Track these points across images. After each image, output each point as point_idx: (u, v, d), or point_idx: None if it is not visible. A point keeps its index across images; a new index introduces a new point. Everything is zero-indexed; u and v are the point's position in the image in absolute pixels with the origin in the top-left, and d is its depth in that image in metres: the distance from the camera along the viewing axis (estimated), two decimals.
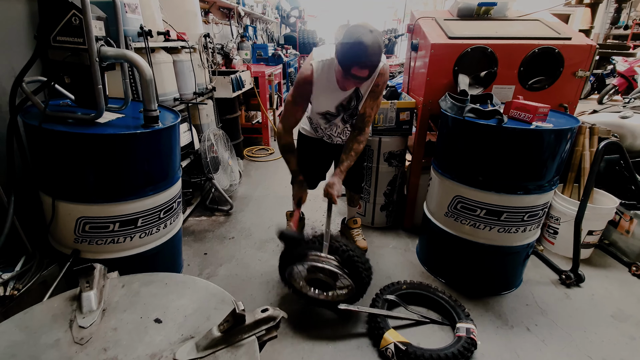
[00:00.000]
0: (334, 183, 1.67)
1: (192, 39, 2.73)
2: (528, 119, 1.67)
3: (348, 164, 1.72)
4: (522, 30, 2.13)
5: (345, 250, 1.58)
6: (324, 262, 1.55)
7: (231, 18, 4.70)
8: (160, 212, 1.71)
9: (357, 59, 1.38)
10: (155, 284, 0.95)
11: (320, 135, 1.98)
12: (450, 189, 1.86)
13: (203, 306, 0.88)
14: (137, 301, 0.88)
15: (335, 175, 1.70)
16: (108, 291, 0.91)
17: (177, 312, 0.84)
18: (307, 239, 1.63)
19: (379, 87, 1.68)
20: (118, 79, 1.74)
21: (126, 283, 0.94)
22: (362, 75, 1.43)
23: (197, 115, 2.90)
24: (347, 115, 1.80)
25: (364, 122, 1.73)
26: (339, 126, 1.87)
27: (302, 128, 2.07)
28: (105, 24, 1.48)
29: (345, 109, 1.76)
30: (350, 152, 1.72)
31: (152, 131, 1.53)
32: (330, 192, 1.66)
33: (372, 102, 1.71)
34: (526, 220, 1.75)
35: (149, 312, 0.83)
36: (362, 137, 1.74)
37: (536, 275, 2.12)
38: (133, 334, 0.78)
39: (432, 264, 2.13)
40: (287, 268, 1.66)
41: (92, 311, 0.83)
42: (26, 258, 1.46)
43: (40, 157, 1.50)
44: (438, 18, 2.26)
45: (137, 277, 0.98)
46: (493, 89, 2.09)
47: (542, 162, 1.65)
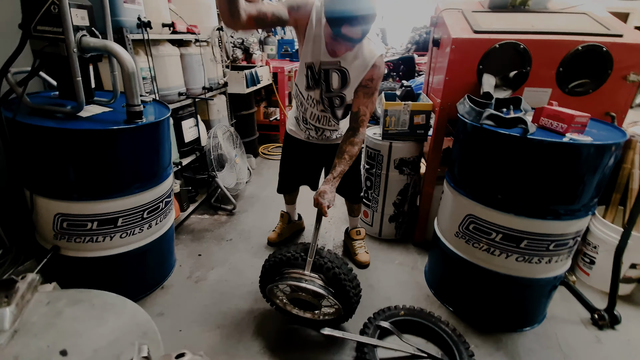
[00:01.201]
0: (324, 191, 1.45)
1: (206, 32, 2.66)
2: (561, 130, 1.39)
3: (342, 169, 1.51)
4: (565, 24, 1.82)
5: (330, 268, 1.41)
6: (306, 281, 1.39)
7: None
8: (143, 212, 1.63)
9: (348, 14, 1.24)
10: (81, 305, 0.85)
11: (306, 137, 1.84)
12: (462, 206, 1.62)
13: (120, 338, 0.76)
14: (53, 324, 0.78)
15: (326, 183, 1.49)
16: (31, 308, 0.82)
17: (89, 342, 0.73)
18: (291, 253, 1.47)
19: (373, 82, 1.50)
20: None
21: (52, 300, 0.84)
22: (354, 36, 1.30)
23: (207, 110, 2.84)
24: (326, 97, 1.60)
25: (357, 121, 1.54)
26: (316, 109, 1.68)
27: (289, 129, 1.94)
28: (89, 13, 1.41)
29: (327, 80, 1.55)
30: (344, 155, 1.52)
31: (132, 127, 1.45)
32: (320, 201, 1.44)
33: (366, 100, 1.52)
34: (552, 250, 1.48)
35: (59, 341, 0.73)
36: (357, 138, 1.54)
37: (563, 311, 1.81)
38: None
39: (440, 288, 1.89)
40: (267, 285, 1.52)
41: (3, 331, 0.74)
42: (2, 252, 1.42)
43: (18, 151, 1.46)
44: (465, 10, 2.00)
45: (67, 293, 0.88)
46: (524, 92, 1.80)
47: (576, 183, 1.37)
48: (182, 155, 2.46)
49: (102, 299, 0.88)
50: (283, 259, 1.46)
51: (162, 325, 1.65)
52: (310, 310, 1.59)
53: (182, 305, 1.78)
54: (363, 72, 1.49)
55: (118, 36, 1.76)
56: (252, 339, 1.59)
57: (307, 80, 1.60)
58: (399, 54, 4.94)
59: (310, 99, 1.66)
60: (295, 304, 1.59)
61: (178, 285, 1.92)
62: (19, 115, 1.37)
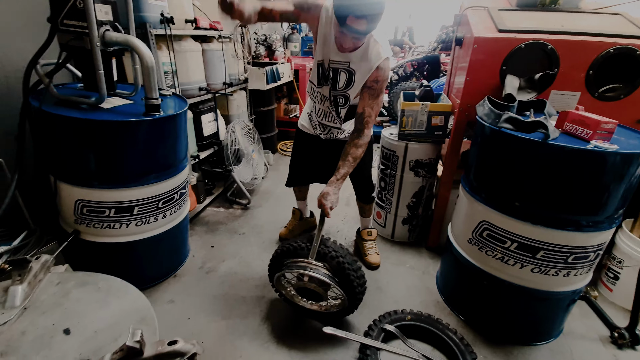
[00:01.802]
0: (327, 193, 1.46)
1: (228, 29, 2.70)
2: (586, 136, 1.31)
3: (345, 171, 1.51)
4: (597, 25, 1.71)
5: (334, 257, 1.44)
6: (311, 269, 1.41)
7: None
8: (158, 202, 1.69)
9: (354, 5, 1.26)
10: (88, 287, 0.89)
11: (319, 133, 1.85)
12: (477, 211, 1.56)
13: (120, 322, 0.79)
14: (60, 304, 0.82)
15: (330, 184, 1.49)
16: (42, 287, 0.87)
17: (91, 324, 0.77)
18: (297, 243, 1.50)
19: (378, 84, 1.50)
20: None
21: (62, 281, 0.89)
22: (360, 28, 1.31)
23: (227, 105, 2.89)
24: (332, 95, 1.62)
25: (362, 122, 1.53)
26: (324, 105, 1.71)
27: (300, 124, 1.96)
28: (113, 8, 1.46)
29: (335, 79, 1.57)
30: (348, 157, 1.52)
31: (149, 120, 1.49)
32: (323, 202, 1.45)
33: (371, 101, 1.52)
34: (571, 262, 1.40)
35: (63, 320, 0.77)
36: (361, 140, 1.53)
37: (582, 327, 1.72)
38: (35, 343, 0.72)
39: (451, 295, 1.84)
40: (275, 274, 1.54)
41: (13, 307, 0.78)
42: (27, 234, 1.51)
43: (44, 139, 1.54)
44: (491, 8, 1.92)
45: (76, 275, 0.93)
46: (551, 95, 1.72)
47: (599, 193, 1.29)
48: (201, 149, 2.51)
49: (107, 282, 0.92)
50: (290, 249, 1.50)
51: (172, 312, 1.70)
52: (317, 301, 1.60)
53: (192, 294, 1.83)
54: (368, 73, 1.50)
55: (141, 31, 1.82)
56: (257, 331, 1.61)
57: (318, 76, 1.62)
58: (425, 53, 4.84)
59: (320, 95, 1.69)
60: (302, 294, 1.59)
61: (190, 275, 1.97)
62: (45, 105, 1.44)
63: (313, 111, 1.81)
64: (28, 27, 1.69)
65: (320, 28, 1.51)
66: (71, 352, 0.75)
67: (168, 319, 1.66)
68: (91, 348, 0.74)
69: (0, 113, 1.66)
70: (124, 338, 0.74)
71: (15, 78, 1.70)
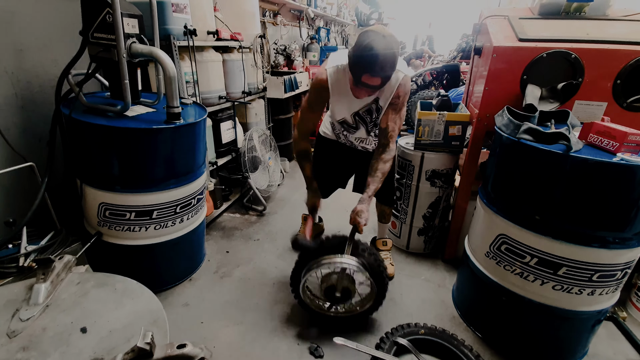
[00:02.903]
0: (361, 211, 1.53)
1: (249, 40, 2.78)
2: (612, 148, 1.26)
3: (375, 187, 1.57)
4: (625, 32, 1.64)
5: (364, 249, 1.55)
6: (348, 261, 1.48)
7: (301, 20, 4.74)
8: (176, 207, 1.73)
9: (367, 67, 1.31)
10: (105, 288, 0.92)
11: (343, 142, 1.87)
12: (495, 224, 1.52)
13: (133, 323, 0.81)
14: (79, 303, 0.86)
15: (361, 202, 1.55)
16: (63, 286, 0.91)
17: (106, 324, 0.80)
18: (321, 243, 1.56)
19: (400, 99, 1.54)
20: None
21: (82, 281, 0.93)
22: (374, 84, 1.36)
23: (245, 113, 2.95)
24: (370, 127, 1.69)
25: (387, 137, 1.58)
26: (363, 137, 1.78)
27: (322, 131, 1.97)
28: (139, 22, 1.54)
29: (363, 121, 1.66)
30: (376, 173, 1.57)
31: (170, 127, 1.55)
32: (358, 220, 1.52)
33: (394, 115, 1.57)
34: (595, 280, 1.33)
35: (81, 318, 0.80)
36: (387, 155, 1.59)
37: (608, 349, 1.62)
38: (55, 340, 0.75)
39: (468, 310, 1.78)
40: (302, 276, 1.57)
41: (36, 304, 0.82)
42: (53, 234, 1.59)
43: (72, 144, 1.63)
44: (512, 17, 1.88)
45: (95, 275, 0.97)
46: (575, 106, 1.66)
47: (627, 208, 1.23)
48: (219, 156, 2.57)
49: (124, 284, 0.95)
50: (318, 248, 1.55)
51: (186, 316, 1.73)
52: (342, 301, 1.61)
53: (206, 298, 1.86)
54: (391, 95, 1.54)
55: (166, 43, 1.90)
56: (269, 338, 1.62)
57: (344, 128, 1.76)
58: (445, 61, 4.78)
59: (353, 137, 1.81)
60: (328, 294, 1.59)
61: (205, 279, 2.01)
62: (75, 112, 1.52)
63: (340, 132, 1.83)
64: (63, 40, 1.81)
65: (333, 95, 1.58)
66: (87, 350, 0.78)
67: (182, 322, 1.69)
68: (105, 347, 0.77)
69: (34, 120, 1.77)
70: (136, 339, 0.76)
71: (49, 87, 1.81)
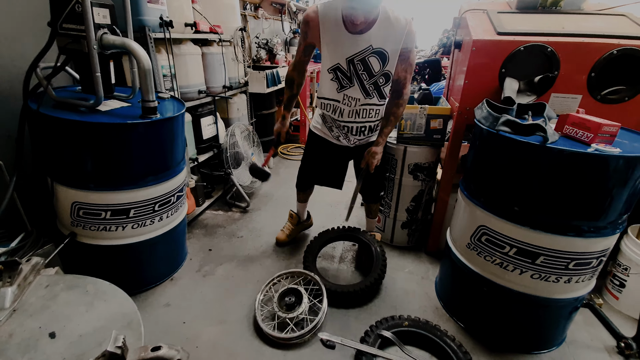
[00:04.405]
0: (376, 152, 1.71)
1: (229, 33, 2.71)
2: (587, 139, 1.29)
3: (389, 129, 1.70)
4: (600, 26, 1.68)
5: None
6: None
7: (283, 13, 4.67)
8: (154, 205, 1.68)
9: None
10: (76, 290, 0.88)
11: (336, 135, 1.80)
12: (475, 216, 1.53)
13: (105, 326, 0.78)
14: (48, 307, 0.82)
15: (377, 144, 1.71)
16: (31, 289, 0.86)
17: (77, 328, 0.76)
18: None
19: (409, 48, 1.55)
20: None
21: (51, 283, 0.88)
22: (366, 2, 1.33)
23: (227, 109, 2.90)
24: (369, 85, 1.60)
25: (400, 85, 1.64)
26: (356, 104, 1.66)
27: (313, 126, 1.91)
28: (111, 12, 1.47)
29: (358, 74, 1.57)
30: (390, 117, 1.67)
31: (145, 122, 1.50)
32: (372, 161, 1.72)
33: (404, 65, 1.59)
34: (572, 269, 1.37)
35: (50, 323, 0.76)
36: (401, 99, 1.65)
37: (586, 336, 1.68)
38: (22, 346, 0.72)
39: (450, 301, 1.81)
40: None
41: (2, 309, 0.78)
42: (24, 235, 1.51)
43: (41, 141, 1.55)
44: (491, 11, 1.90)
45: (65, 278, 0.92)
46: (551, 98, 1.69)
47: (601, 198, 1.26)
48: (200, 152, 2.52)
49: (95, 286, 0.91)
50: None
51: (167, 316, 1.69)
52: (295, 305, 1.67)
53: (188, 298, 1.82)
54: (400, 42, 1.51)
55: (140, 34, 1.83)
56: (253, 336, 1.60)
57: (338, 82, 1.62)
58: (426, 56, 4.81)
59: (347, 98, 1.65)
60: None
61: (187, 278, 1.96)
62: (43, 107, 1.45)
63: (338, 120, 1.73)
64: (32, 31, 1.71)
65: (324, 33, 1.53)
66: (55, 356, 0.74)
67: (163, 323, 1.65)
68: (75, 352, 0.74)
69: (2, 116, 1.68)
70: (107, 343, 0.73)
71: (18, 82, 1.71)
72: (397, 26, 1.47)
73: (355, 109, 1.67)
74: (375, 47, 1.51)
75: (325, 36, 1.54)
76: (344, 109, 1.68)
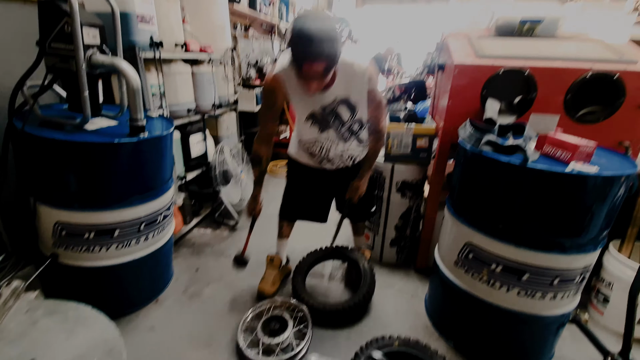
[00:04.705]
0: (359, 186, 1.76)
1: (219, 52, 2.76)
2: (565, 159, 1.34)
3: (370, 163, 1.75)
4: (574, 51, 1.78)
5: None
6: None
7: (273, 34, 4.78)
8: (140, 225, 1.65)
9: (304, 54, 1.20)
10: (56, 315, 0.85)
11: (318, 159, 1.76)
12: (462, 233, 1.56)
13: (86, 354, 0.75)
14: (28, 333, 0.79)
15: (359, 178, 1.76)
16: (11, 314, 0.83)
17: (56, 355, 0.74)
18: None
19: (375, 92, 1.53)
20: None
21: (31, 308, 0.85)
22: (317, 70, 1.24)
23: (216, 126, 2.91)
24: (344, 129, 1.62)
25: (374, 124, 1.65)
26: (340, 145, 1.68)
27: (293, 155, 1.85)
28: (101, 32, 1.49)
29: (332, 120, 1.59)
30: (370, 152, 1.73)
31: (133, 141, 1.49)
32: (354, 195, 1.78)
33: (373, 110, 1.60)
34: (556, 285, 1.39)
35: (30, 349, 0.73)
36: (379, 134, 1.68)
37: (573, 351, 1.69)
38: None
39: (439, 319, 1.81)
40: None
41: None
42: (5, 257, 1.46)
43: (25, 159, 1.52)
44: (471, 36, 1.99)
45: (46, 303, 0.89)
46: (531, 118, 1.76)
47: (580, 215, 1.30)
48: (188, 170, 2.50)
49: (77, 311, 0.88)
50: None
51: (151, 341, 1.63)
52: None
53: (174, 320, 1.77)
54: (364, 90, 1.50)
55: (130, 54, 1.85)
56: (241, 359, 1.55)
57: (318, 125, 1.62)
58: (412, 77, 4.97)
59: (329, 140, 1.67)
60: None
61: (172, 300, 1.91)
62: (28, 126, 1.43)
63: (325, 154, 1.72)
64: (19, 49, 1.71)
65: (292, 94, 1.51)
66: None
67: (147, 347, 1.59)
68: None
69: None
70: None
71: (3, 99, 1.70)
72: (358, 75, 1.44)
73: (342, 148, 1.71)
74: (341, 98, 1.51)
75: (293, 96, 1.53)
76: (329, 146, 1.69)
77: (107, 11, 1.59)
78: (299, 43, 1.19)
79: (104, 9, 1.59)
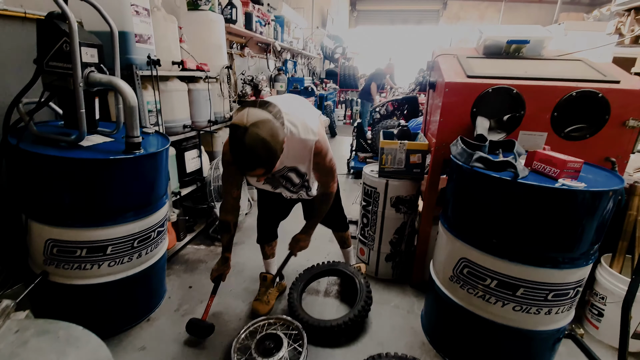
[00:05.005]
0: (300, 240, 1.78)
1: (215, 70, 2.80)
2: (554, 175, 1.37)
3: (315, 221, 1.77)
4: (559, 70, 1.85)
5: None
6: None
7: (268, 52, 4.88)
8: (133, 241, 1.64)
9: (242, 167, 1.21)
10: (47, 336, 0.83)
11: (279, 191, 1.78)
12: (456, 248, 1.57)
13: None
14: (17, 354, 0.77)
15: (302, 232, 1.77)
16: (0, 335, 0.81)
17: None
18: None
19: (322, 162, 1.51)
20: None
21: (21, 328, 0.83)
22: (258, 174, 1.24)
23: (212, 142, 2.92)
24: (296, 188, 1.69)
25: (323, 187, 1.66)
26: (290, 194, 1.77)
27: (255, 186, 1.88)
28: (99, 51, 1.51)
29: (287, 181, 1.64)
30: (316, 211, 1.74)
31: (128, 158, 1.49)
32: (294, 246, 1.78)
33: (323, 177, 1.61)
34: (551, 300, 1.40)
35: None
36: (327, 196, 1.68)
37: None
38: None
39: (436, 335, 1.79)
40: None
41: None
42: None
43: (18, 176, 1.51)
44: (460, 56, 2.06)
45: (36, 322, 0.87)
46: (520, 135, 1.80)
47: (571, 230, 1.32)
48: (183, 185, 2.50)
49: (67, 331, 0.86)
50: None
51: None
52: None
53: (165, 340, 1.73)
54: (310, 159, 1.49)
55: (128, 72, 1.87)
56: None
57: (269, 185, 1.69)
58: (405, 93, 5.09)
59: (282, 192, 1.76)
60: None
61: (164, 318, 1.87)
62: (24, 142, 1.43)
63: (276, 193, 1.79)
64: (16, 66, 1.73)
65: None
66: None
67: None
68: None
69: None
70: None
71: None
72: (306, 149, 1.45)
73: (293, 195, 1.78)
74: (290, 166, 1.54)
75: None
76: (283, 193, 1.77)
77: (105, 30, 1.62)
78: (236, 155, 1.18)
79: (102, 28, 1.62)
